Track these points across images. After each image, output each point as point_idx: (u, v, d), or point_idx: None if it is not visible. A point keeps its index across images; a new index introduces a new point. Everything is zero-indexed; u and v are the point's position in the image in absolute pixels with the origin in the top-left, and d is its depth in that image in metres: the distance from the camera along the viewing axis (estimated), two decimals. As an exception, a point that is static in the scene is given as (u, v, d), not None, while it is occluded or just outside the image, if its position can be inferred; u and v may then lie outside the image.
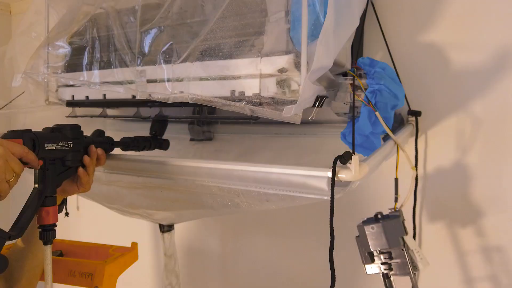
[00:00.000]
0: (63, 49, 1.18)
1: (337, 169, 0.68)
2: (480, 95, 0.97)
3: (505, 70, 0.95)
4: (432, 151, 1.05)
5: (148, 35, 0.98)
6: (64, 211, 1.77)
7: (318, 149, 1.18)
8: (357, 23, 0.84)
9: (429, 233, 1.05)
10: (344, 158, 0.67)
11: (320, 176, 0.69)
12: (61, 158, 0.84)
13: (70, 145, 0.85)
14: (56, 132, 0.85)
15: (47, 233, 0.77)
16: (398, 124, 1.03)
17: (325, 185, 0.70)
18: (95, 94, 1.21)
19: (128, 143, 1.07)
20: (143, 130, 1.58)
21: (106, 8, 1.10)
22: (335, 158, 0.68)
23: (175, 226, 1.34)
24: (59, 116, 1.51)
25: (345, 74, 0.99)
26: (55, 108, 1.35)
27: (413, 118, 1.03)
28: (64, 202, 0.93)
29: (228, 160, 1.34)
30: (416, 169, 1.02)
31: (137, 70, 1.05)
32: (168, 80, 0.97)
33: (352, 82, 0.92)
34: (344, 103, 0.93)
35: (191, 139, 1.46)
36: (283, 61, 0.87)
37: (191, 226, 1.48)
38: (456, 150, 1.01)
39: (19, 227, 0.73)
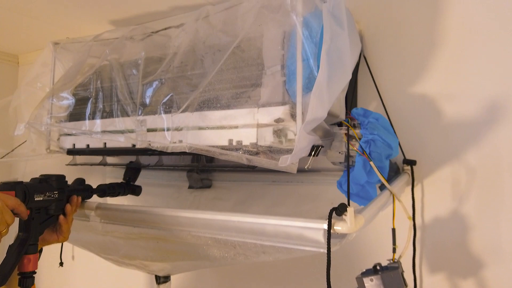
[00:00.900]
0: (67, 100, 1.22)
1: (333, 221, 0.67)
2: (473, 145, 0.99)
3: (496, 121, 0.97)
4: (429, 200, 1.04)
5: (149, 87, 1.02)
6: (59, 260, 1.75)
7: (316, 197, 1.18)
8: (349, 76, 0.88)
9: (430, 285, 1.03)
10: (340, 210, 0.67)
11: (316, 228, 0.69)
12: (45, 207, 0.89)
13: (55, 195, 0.90)
14: (43, 182, 0.90)
15: (27, 280, 0.80)
16: (394, 173, 1.04)
17: (321, 237, 0.69)
18: (96, 143, 1.23)
19: (105, 190, 1.13)
20: (142, 177, 1.59)
21: (110, 60, 1.14)
22: (330, 210, 0.68)
23: (172, 277, 1.31)
24: (58, 164, 1.53)
25: (340, 124, 1.01)
26: (56, 156, 1.37)
27: (409, 167, 1.04)
28: (40, 251, 0.93)
29: (227, 208, 1.35)
30: (414, 219, 1.01)
31: (137, 120, 1.08)
32: (168, 129, 0.99)
33: (346, 132, 0.94)
34: (339, 152, 0.95)
35: (190, 187, 1.46)
36: (279, 111, 0.90)
37: (187, 277, 1.44)
38: (452, 199, 1.01)
39: (3, 274, 0.76)
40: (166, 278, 1.29)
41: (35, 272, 0.82)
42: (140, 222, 0.97)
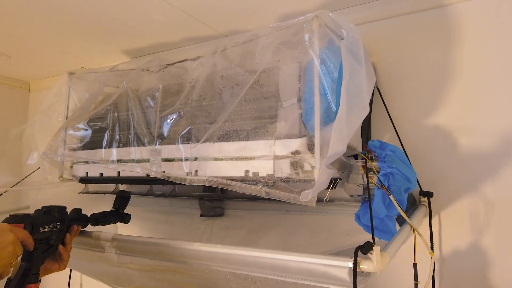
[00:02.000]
0: (84, 131, 1.24)
1: (358, 259, 0.67)
2: (490, 177, 0.99)
3: (512, 153, 0.98)
4: (446, 232, 1.04)
5: (167, 119, 1.03)
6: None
7: (331, 228, 1.17)
8: (367, 111, 0.89)
9: (452, 319, 1.01)
10: (365, 249, 0.67)
11: (341, 266, 0.69)
12: (47, 238, 0.93)
13: (57, 226, 0.95)
14: (47, 214, 0.94)
15: None
16: (410, 204, 1.04)
17: (346, 276, 0.69)
18: (110, 171, 1.23)
19: (98, 219, 1.16)
20: (155, 205, 1.59)
21: (127, 91, 1.16)
22: (356, 249, 0.68)
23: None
24: (70, 192, 1.53)
25: (356, 157, 1.02)
26: (68, 184, 1.37)
27: (425, 199, 1.04)
28: (39, 281, 0.95)
29: (240, 237, 1.34)
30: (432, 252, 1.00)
31: (154, 149, 1.09)
32: (186, 160, 1.00)
33: (364, 164, 0.94)
34: (358, 185, 0.95)
35: (202, 215, 1.45)
36: (296, 144, 0.91)
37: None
38: (471, 232, 1.01)
39: None
40: (178, 310, 1.27)
41: None
42: (158, 254, 0.96)
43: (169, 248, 0.94)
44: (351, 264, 0.68)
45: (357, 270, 0.67)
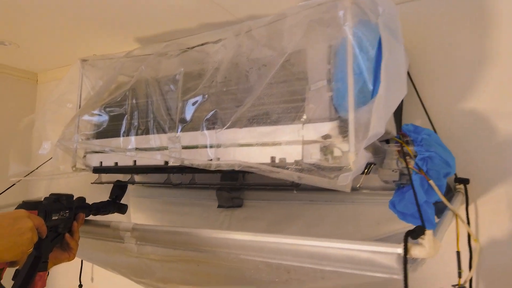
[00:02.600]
0: (100, 117, 1.19)
1: (408, 245, 0.63)
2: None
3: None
4: (483, 221, 0.99)
5: (190, 103, 0.98)
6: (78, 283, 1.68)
7: (359, 218, 1.13)
8: (405, 91, 0.84)
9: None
10: (416, 233, 0.62)
11: (389, 253, 0.64)
12: (56, 226, 0.92)
13: (66, 214, 0.94)
14: (57, 202, 0.93)
15: None
16: (445, 192, 0.99)
17: (394, 263, 0.64)
18: (125, 160, 1.19)
19: (99, 208, 1.13)
20: (170, 196, 1.55)
21: (146, 76, 1.12)
22: (405, 233, 0.63)
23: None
24: (81, 182, 1.48)
25: (387, 141, 0.97)
26: (81, 174, 1.33)
27: (462, 186, 0.99)
28: (48, 274, 0.94)
29: (261, 229, 1.30)
30: (469, 241, 0.96)
31: (174, 137, 1.04)
32: (211, 146, 0.95)
33: (399, 149, 0.90)
34: (393, 171, 0.90)
35: (219, 206, 1.41)
36: (327, 127, 0.86)
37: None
38: (509, 220, 0.96)
39: None
40: (198, 303, 1.23)
41: None
42: (182, 244, 0.92)
43: (195, 237, 0.89)
44: (400, 250, 0.63)
45: (407, 256, 0.62)
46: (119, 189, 1.26)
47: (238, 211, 1.37)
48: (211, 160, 0.96)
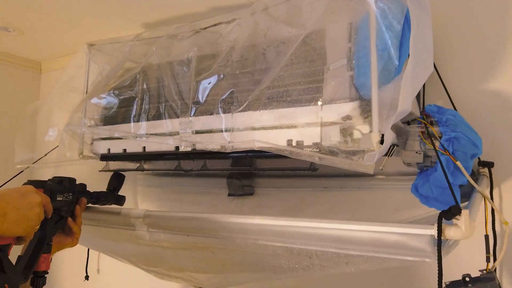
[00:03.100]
0: (108, 101, 1.15)
1: (443, 226, 0.59)
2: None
3: None
4: (508, 205, 0.96)
5: (204, 84, 0.95)
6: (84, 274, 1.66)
7: (376, 204, 1.09)
8: (432, 68, 0.80)
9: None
10: (452, 213, 0.59)
11: (421, 234, 0.61)
12: (59, 208, 0.92)
13: (69, 197, 0.94)
14: (60, 184, 0.93)
15: (39, 279, 0.82)
16: (470, 176, 0.95)
17: (426, 245, 0.61)
18: (134, 147, 1.15)
19: (99, 197, 1.12)
20: (179, 185, 1.51)
21: (157, 59, 1.08)
22: (440, 214, 0.60)
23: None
24: (88, 170, 1.45)
25: (408, 123, 0.93)
26: (88, 162, 1.29)
27: (486, 170, 0.95)
28: (51, 260, 0.92)
29: (273, 216, 1.26)
30: (494, 226, 0.92)
31: (186, 121, 1.01)
32: (226, 130, 0.92)
33: (423, 129, 0.86)
34: (416, 152, 0.86)
35: (230, 194, 1.37)
36: (348, 108, 0.83)
37: None
38: (536, 204, 0.93)
39: (26, 270, 0.78)
40: (211, 292, 1.20)
41: (47, 272, 0.84)
42: (197, 230, 0.89)
43: (210, 222, 0.86)
44: (433, 232, 0.60)
45: (442, 238, 0.59)
46: (116, 180, 1.23)
47: (249, 199, 1.34)
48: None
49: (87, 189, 1.08)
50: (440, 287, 0.58)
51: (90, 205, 1.10)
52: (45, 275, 0.85)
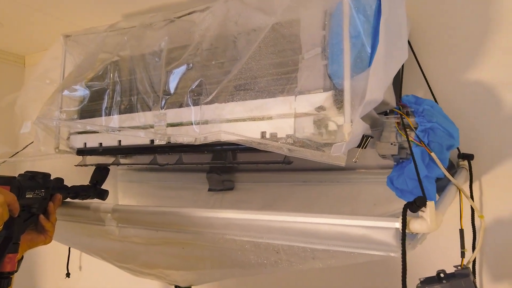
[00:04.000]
0: (81, 92, 1.12)
1: (407, 218, 0.56)
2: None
3: None
4: (488, 199, 0.93)
5: (174, 74, 0.91)
6: (65, 271, 1.63)
7: (355, 198, 1.06)
8: (406, 55, 0.77)
9: (493, 296, 0.91)
10: (417, 205, 0.56)
11: (385, 228, 0.58)
12: (30, 206, 0.86)
13: (42, 193, 0.88)
14: (32, 180, 0.87)
15: (4, 280, 0.78)
16: (448, 168, 0.92)
17: (391, 239, 0.58)
18: (109, 141, 1.12)
19: (78, 192, 1.07)
20: (159, 180, 1.48)
21: (129, 49, 1.04)
22: (404, 206, 0.57)
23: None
24: (67, 164, 1.42)
25: (386, 113, 0.90)
26: (65, 156, 1.26)
27: (465, 162, 0.92)
28: (22, 258, 0.88)
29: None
30: (473, 220, 0.89)
31: (159, 114, 0.98)
32: (196, 123, 0.88)
33: (399, 120, 0.83)
34: (391, 144, 0.83)
35: (210, 189, 1.34)
36: (321, 98, 0.80)
37: (211, 287, 1.32)
38: (517, 198, 0.90)
39: None
40: (187, 290, 1.17)
41: (13, 273, 0.80)
42: (165, 225, 0.86)
43: (177, 216, 0.83)
44: (397, 225, 0.57)
45: (406, 231, 0.56)
46: (100, 173, 1.19)
47: (229, 194, 1.31)
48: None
49: (64, 183, 1.04)
50: (404, 283, 0.55)
51: (69, 200, 1.07)
52: (11, 276, 0.80)
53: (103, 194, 1.16)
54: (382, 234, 0.58)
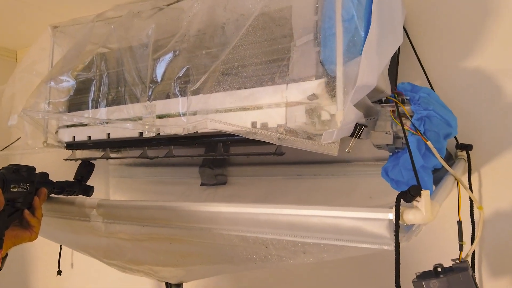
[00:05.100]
0: (67, 83, 1.08)
1: (401, 209, 0.53)
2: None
3: None
4: (488, 190, 0.89)
5: (161, 62, 0.88)
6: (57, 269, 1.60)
7: (350, 191, 1.03)
8: (401, 40, 0.73)
9: (493, 291, 0.87)
10: (411, 194, 0.52)
11: (378, 219, 0.54)
12: (14, 199, 0.84)
13: (27, 187, 0.86)
14: (16, 173, 0.85)
15: None
16: (446, 159, 0.89)
17: (384, 231, 0.54)
18: (98, 134, 1.09)
19: (64, 187, 1.04)
20: (150, 176, 1.45)
21: (116, 39, 1.01)
22: (398, 195, 0.53)
23: (185, 285, 1.15)
24: (56, 158, 1.39)
25: (381, 102, 0.87)
26: (54, 150, 1.23)
27: (464, 153, 0.89)
28: (6, 256, 0.85)
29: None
30: (472, 212, 0.86)
31: (148, 105, 0.94)
32: (183, 114, 0.85)
33: (394, 109, 0.79)
34: (386, 133, 0.80)
35: (202, 184, 1.31)
36: (313, 86, 0.76)
37: (202, 284, 1.29)
38: (517, 190, 0.86)
39: None
40: (178, 287, 1.14)
41: None
42: (150, 220, 0.82)
43: (163, 211, 0.80)
44: (391, 215, 0.53)
45: (400, 222, 0.53)
46: (85, 168, 1.15)
47: (222, 189, 1.27)
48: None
49: (49, 178, 1.01)
50: (397, 278, 0.51)
51: (53, 195, 1.04)
52: None
53: (88, 191, 1.13)
54: (374, 226, 0.54)
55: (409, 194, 0.53)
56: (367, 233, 0.55)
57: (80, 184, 1.12)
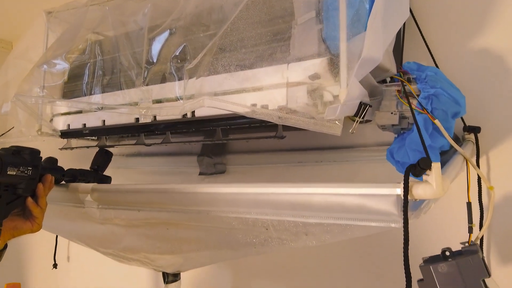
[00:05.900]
0: (61, 65, 1.05)
1: (410, 183, 0.49)
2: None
3: None
4: (496, 174, 0.86)
5: (156, 41, 0.85)
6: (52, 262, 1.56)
7: (353, 178, 1.00)
8: (407, 14, 0.70)
9: (502, 278, 0.84)
10: (421, 167, 0.49)
11: (385, 195, 0.51)
12: (14, 185, 0.76)
13: (29, 172, 0.77)
14: (16, 154, 0.76)
15: None
16: (453, 140, 0.86)
17: (392, 207, 0.51)
18: (93, 121, 1.06)
19: (76, 176, 0.97)
20: (146, 164, 1.42)
21: (108, 17, 0.98)
22: (407, 168, 0.50)
23: (182, 275, 1.12)
24: (52, 147, 1.35)
25: (385, 83, 0.84)
26: (49, 139, 1.20)
27: (472, 135, 0.86)
28: (5, 247, 0.78)
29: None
30: (480, 197, 0.83)
31: (144, 90, 0.91)
32: (180, 98, 0.82)
33: (399, 88, 0.76)
34: (392, 113, 0.77)
35: (201, 173, 1.28)
36: (315, 65, 0.73)
37: (200, 274, 1.26)
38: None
39: None
40: (176, 277, 1.10)
41: None
42: (147, 204, 0.79)
43: (160, 194, 0.77)
44: (399, 191, 0.50)
45: (409, 197, 0.49)
46: (102, 157, 1.08)
47: (221, 178, 1.24)
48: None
49: (58, 165, 0.94)
50: (406, 256, 0.48)
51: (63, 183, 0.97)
52: None
53: (105, 181, 1.05)
54: (381, 202, 0.51)
55: (418, 167, 0.49)
56: (374, 210, 0.52)
57: (96, 173, 1.04)
